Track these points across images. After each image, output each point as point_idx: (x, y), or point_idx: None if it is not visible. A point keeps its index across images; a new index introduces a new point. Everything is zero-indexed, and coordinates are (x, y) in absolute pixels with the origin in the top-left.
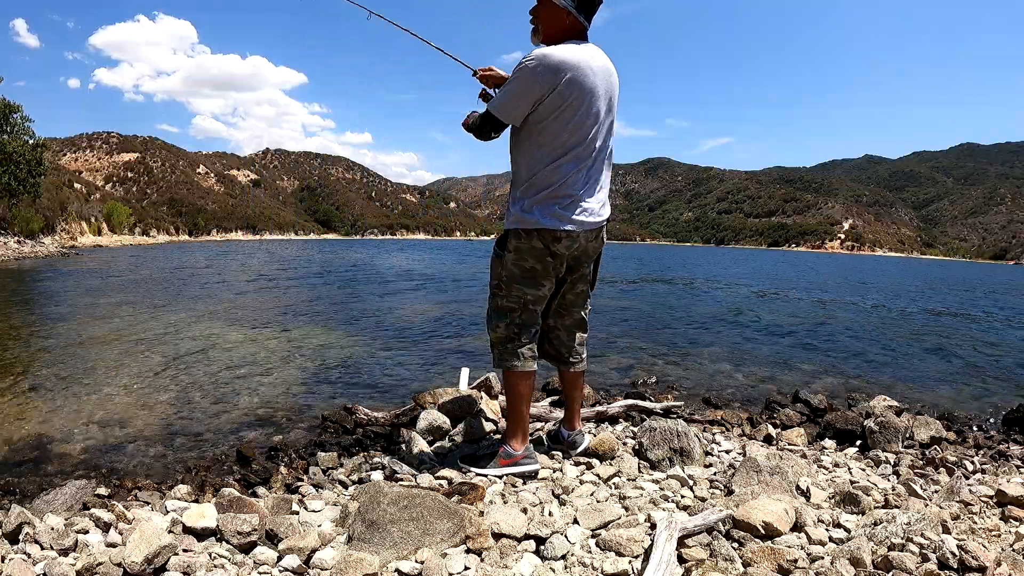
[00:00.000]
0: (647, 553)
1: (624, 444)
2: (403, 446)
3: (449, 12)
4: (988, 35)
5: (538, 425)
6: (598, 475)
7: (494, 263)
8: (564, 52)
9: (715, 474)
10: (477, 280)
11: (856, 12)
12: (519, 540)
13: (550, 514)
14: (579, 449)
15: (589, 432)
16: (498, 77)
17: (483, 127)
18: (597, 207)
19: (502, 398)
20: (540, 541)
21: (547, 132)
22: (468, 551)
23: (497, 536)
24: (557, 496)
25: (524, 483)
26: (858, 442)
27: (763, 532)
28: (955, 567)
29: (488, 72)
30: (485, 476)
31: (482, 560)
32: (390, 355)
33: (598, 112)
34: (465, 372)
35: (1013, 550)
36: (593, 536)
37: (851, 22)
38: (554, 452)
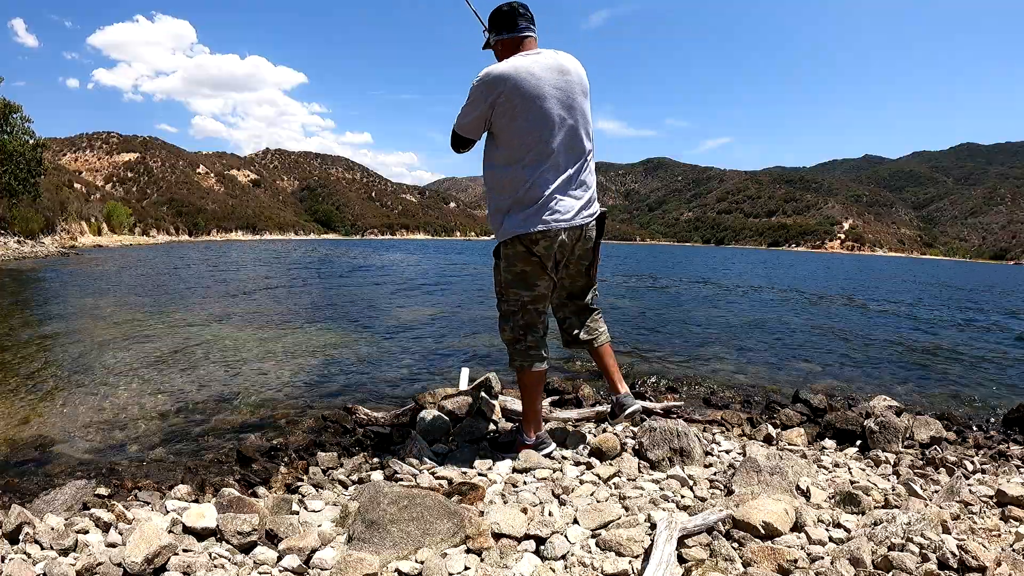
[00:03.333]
0: (647, 553)
1: (624, 444)
2: (403, 446)
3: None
4: (988, 35)
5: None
6: (598, 475)
7: (494, 271)
8: (503, 66)
9: (715, 474)
10: (475, 279)
11: (856, 12)
12: (519, 540)
13: (550, 514)
14: (628, 411)
15: (589, 432)
16: None
17: (453, 141)
18: (575, 205)
19: (502, 397)
20: (540, 541)
21: (503, 141)
22: (468, 551)
23: (497, 536)
24: (557, 496)
25: (524, 483)
26: (858, 442)
27: (763, 532)
28: (955, 567)
29: None
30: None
31: (482, 560)
32: (390, 355)
33: (549, 112)
34: (465, 372)
35: (1013, 550)
36: (593, 536)
37: (851, 22)
38: (554, 453)
